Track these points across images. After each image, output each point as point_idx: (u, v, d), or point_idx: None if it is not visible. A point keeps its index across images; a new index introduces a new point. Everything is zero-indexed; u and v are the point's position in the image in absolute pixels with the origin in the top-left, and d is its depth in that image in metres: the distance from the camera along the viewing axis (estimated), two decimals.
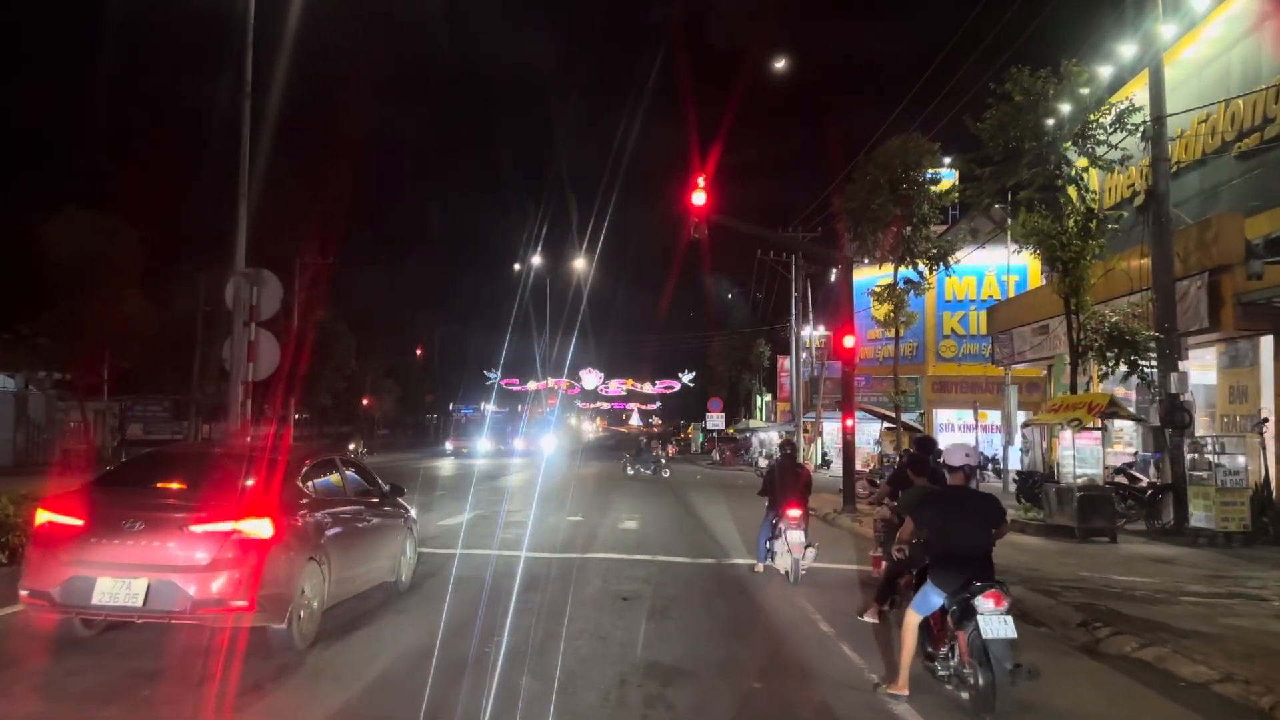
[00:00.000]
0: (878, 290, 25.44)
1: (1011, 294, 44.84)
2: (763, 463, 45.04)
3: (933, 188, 23.58)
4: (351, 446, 41.91)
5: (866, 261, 47.03)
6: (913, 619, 5.78)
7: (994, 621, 5.21)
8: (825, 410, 44.28)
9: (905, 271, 24.70)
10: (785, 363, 53.35)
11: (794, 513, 10.01)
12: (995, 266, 41.45)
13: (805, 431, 44.17)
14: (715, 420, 51.37)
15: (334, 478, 7.77)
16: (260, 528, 6.16)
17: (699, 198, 16.79)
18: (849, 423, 17.76)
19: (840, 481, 24.04)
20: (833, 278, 53.08)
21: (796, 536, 9.86)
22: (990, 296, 44.48)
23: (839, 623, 8.05)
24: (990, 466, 28.94)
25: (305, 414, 56.74)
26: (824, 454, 44.22)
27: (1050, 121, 14.79)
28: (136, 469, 7.52)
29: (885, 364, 46.52)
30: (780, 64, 33.38)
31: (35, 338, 28.72)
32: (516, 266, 56.11)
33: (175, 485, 6.71)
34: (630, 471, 32.66)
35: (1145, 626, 7.75)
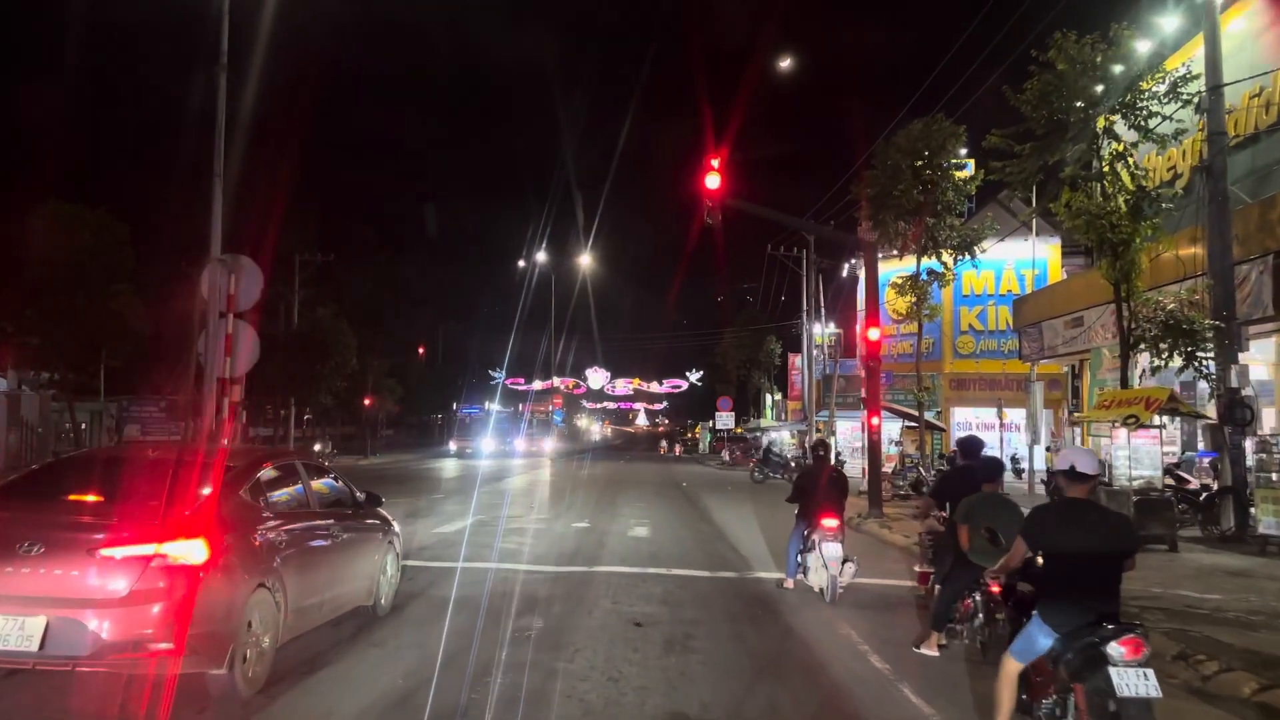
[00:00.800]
0: (898, 282, 24.16)
1: (1031, 288, 43.68)
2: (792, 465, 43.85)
3: (958, 174, 22.35)
4: (317, 447, 40.45)
5: (887, 253, 45.82)
6: (1012, 668, 4.57)
7: (1131, 676, 4.00)
8: (839, 409, 43.03)
9: (928, 262, 23.50)
10: (796, 360, 52.09)
11: (830, 523, 8.82)
12: (1015, 260, 40.06)
13: (818, 431, 42.90)
14: (725, 420, 50.15)
15: (293, 486, 6.54)
16: (192, 550, 4.98)
17: (713, 180, 15.58)
18: (874, 421, 16.57)
19: (861, 483, 22.88)
20: (844, 273, 51.88)
21: (833, 550, 8.65)
22: (1009, 291, 43.16)
23: (893, 656, 6.83)
24: (1011, 466, 27.53)
25: (308, 414, 55.78)
26: (838, 454, 42.89)
27: (1100, 89, 13.52)
28: (43, 478, 6.25)
29: (901, 360, 45.29)
30: (786, 63, 32.21)
31: (20, 335, 27.64)
32: (521, 263, 54.92)
33: (89, 498, 5.49)
34: (758, 477, 31.46)
35: (1257, 660, 6.53)
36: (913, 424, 25.71)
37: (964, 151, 23.20)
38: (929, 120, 22.33)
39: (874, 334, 16.55)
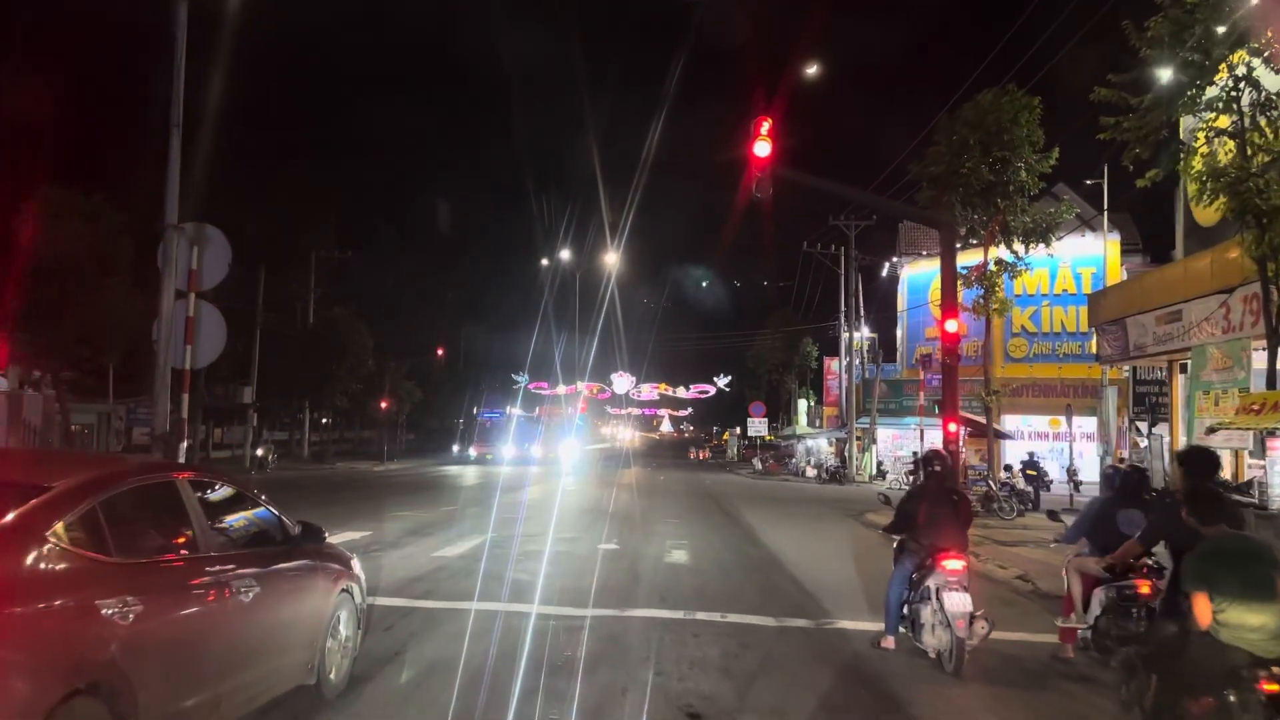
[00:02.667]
0: (965, 275, 21.69)
1: (1089, 287, 40.95)
2: (810, 473, 41.43)
3: (1031, 153, 19.89)
4: (259, 452, 37.29)
5: (932, 251, 42.70)
6: None
7: None
8: (880, 415, 40.51)
9: (996, 251, 21.09)
10: (833, 364, 49.61)
11: (954, 565, 6.70)
12: (1071, 258, 37.35)
13: (858, 439, 40.40)
14: (758, 426, 47.66)
15: (169, 518, 4.38)
16: None
17: (762, 147, 13.27)
18: (952, 427, 14.16)
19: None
20: (884, 273, 49.37)
21: (960, 602, 6.46)
22: (1065, 290, 40.55)
23: None
24: (1068, 479, 24.75)
25: (323, 416, 53.94)
26: (879, 464, 40.32)
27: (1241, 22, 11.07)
28: None
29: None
30: (813, 69, 29.86)
31: (5, 329, 25.76)
32: (545, 262, 52.81)
33: None
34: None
35: None
36: (977, 432, 23.13)
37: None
38: (998, 91, 19.96)
39: (952, 325, 14.16)
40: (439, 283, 71.12)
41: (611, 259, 51.08)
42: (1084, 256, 38.51)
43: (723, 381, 73.81)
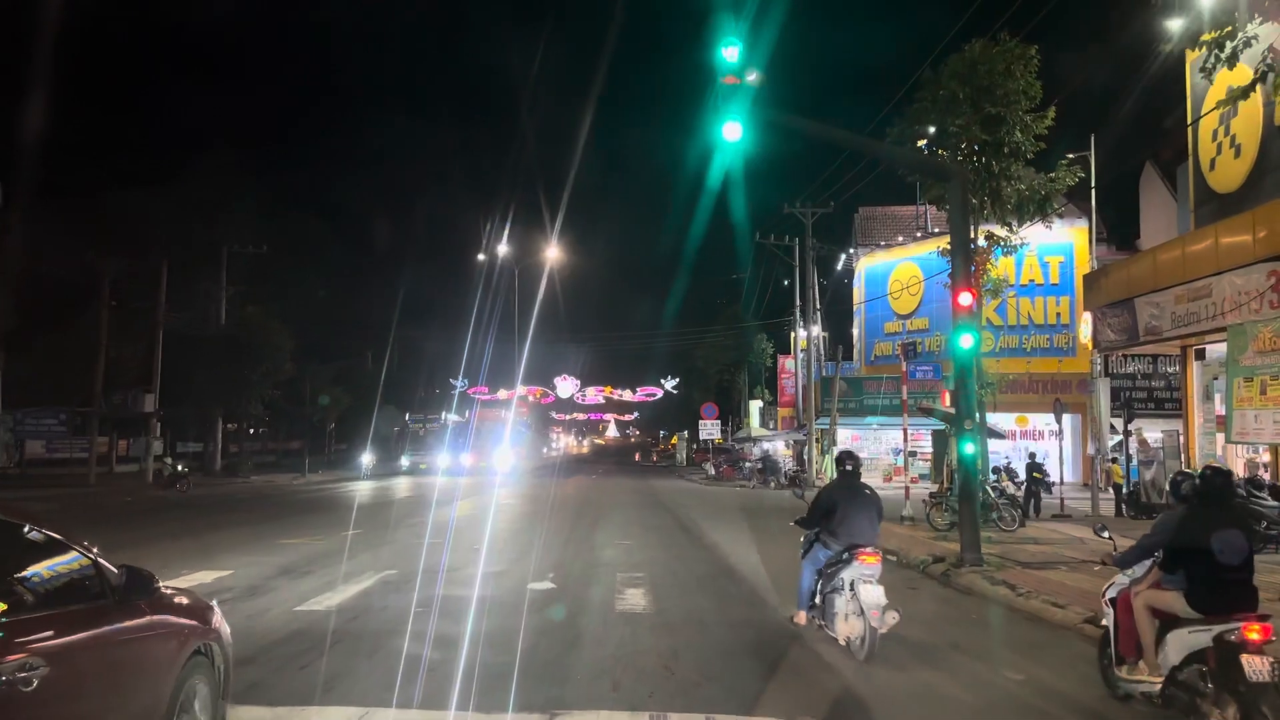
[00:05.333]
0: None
1: (1056, 276, 39.06)
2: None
3: (1026, 108, 17.37)
4: (179, 466, 31.32)
5: (882, 245, 40.46)
6: None
7: None
8: (841, 415, 38.01)
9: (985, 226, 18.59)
10: (787, 363, 47.07)
11: (870, 559, 7.15)
12: (1038, 245, 35.28)
13: (816, 440, 37.82)
14: (710, 429, 44.86)
15: None
16: None
17: (731, 51, 10.55)
18: (969, 443, 11.39)
19: (901, 505, 17.78)
20: (839, 266, 47.02)
21: (876, 594, 6.91)
22: (1031, 280, 38.53)
23: None
24: (1028, 475, 21.30)
25: (242, 425, 49.75)
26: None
27: None
28: None
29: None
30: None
31: None
32: (481, 257, 49.44)
33: None
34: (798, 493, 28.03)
35: None
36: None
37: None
38: (987, 41, 17.42)
39: (965, 299, 11.49)
40: (372, 282, 67.27)
41: (553, 255, 48.01)
42: (1051, 245, 36.55)
43: (670, 383, 71.08)
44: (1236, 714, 4.74)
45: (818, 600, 7.58)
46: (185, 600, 4.56)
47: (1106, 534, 6.57)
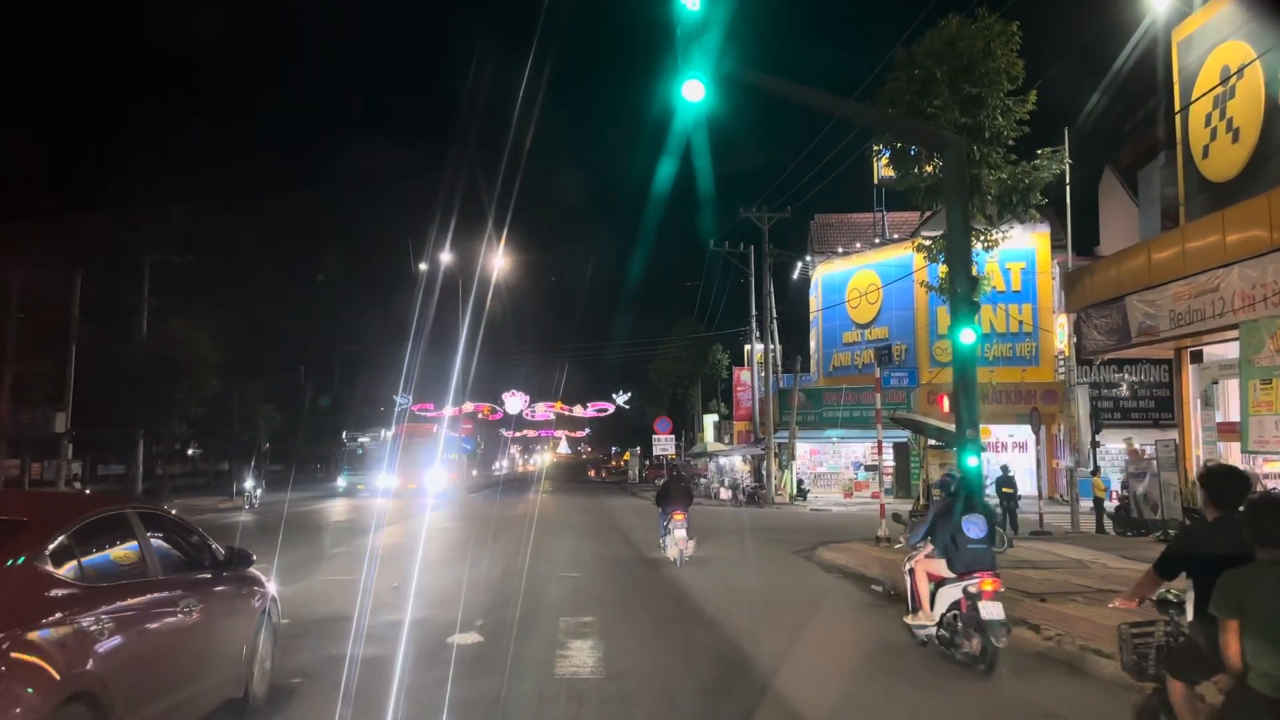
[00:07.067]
0: (929, 246, 17.70)
1: (1018, 283, 38.08)
2: (725, 494, 36.89)
3: (1007, 88, 15.98)
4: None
5: (840, 252, 39.08)
6: None
7: None
8: (800, 429, 36.53)
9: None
10: (742, 375, 45.53)
11: (679, 517, 13.75)
12: (998, 253, 34.14)
13: (775, 455, 36.14)
14: (665, 444, 43.01)
15: (124, 547, 4.75)
16: None
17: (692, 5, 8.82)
18: (972, 454, 9.66)
19: (872, 526, 15.90)
20: (795, 275, 45.70)
21: (681, 534, 13.66)
22: (993, 288, 37.35)
23: None
24: (998, 491, 19.68)
25: (166, 445, 46.60)
26: (800, 483, 36.26)
27: None
28: None
29: (866, 372, 39.06)
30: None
31: None
32: (423, 267, 47.09)
33: None
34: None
35: None
36: (940, 443, 19.06)
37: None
38: (964, 18, 16.04)
39: (965, 284, 9.86)
40: (308, 296, 64.46)
41: (498, 265, 45.91)
42: (1012, 250, 35.29)
43: (622, 399, 69.15)
44: (979, 642, 6.83)
45: (662, 542, 14.47)
46: (256, 573, 6.23)
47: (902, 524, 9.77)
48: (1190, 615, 4.37)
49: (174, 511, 5.88)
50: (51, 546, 4.06)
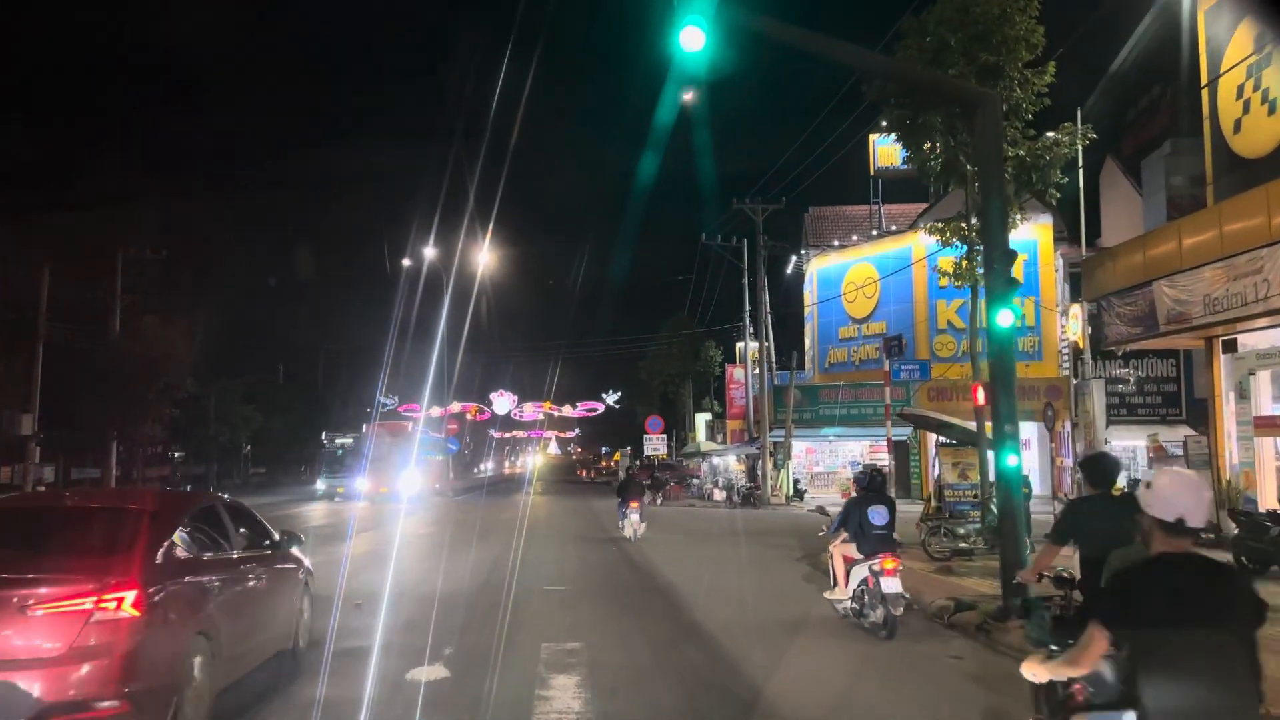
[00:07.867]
0: (941, 228, 16.51)
1: (1020, 275, 36.87)
2: (719, 495, 35.65)
3: (1025, 57, 14.84)
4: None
5: (835, 245, 37.98)
6: None
7: None
8: (796, 427, 35.35)
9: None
10: (735, 373, 44.32)
11: (634, 505, 17.70)
12: None
13: (770, 454, 34.93)
14: (656, 443, 41.77)
15: (217, 529, 6.36)
16: (131, 601, 4.72)
17: None
18: (1010, 452, 8.45)
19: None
20: (789, 269, 44.58)
21: (635, 518, 17.55)
22: None
23: None
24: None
25: (141, 447, 45.06)
26: (796, 483, 35.05)
27: None
28: None
29: (863, 369, 37.96)
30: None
31: None
32: (407, 262, 45.71)
33: (12, 552, 5.15)
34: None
35: None
36: (953, 440, 17.90)
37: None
38: None
39: (1006, 260, 8.66)
40: (290, 294, 63.08)
41: (485, 261, 44.59)
42: (1013, 243, 34.05)
43: (612, 398, 67.80)
44: (882, 612, 8.23)
45: (620, 524, 18.22)
46: (298, 553, 7.74)
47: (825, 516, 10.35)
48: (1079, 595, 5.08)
49: (245, 503, 7.45)
50: (178, 529, 5.69)
